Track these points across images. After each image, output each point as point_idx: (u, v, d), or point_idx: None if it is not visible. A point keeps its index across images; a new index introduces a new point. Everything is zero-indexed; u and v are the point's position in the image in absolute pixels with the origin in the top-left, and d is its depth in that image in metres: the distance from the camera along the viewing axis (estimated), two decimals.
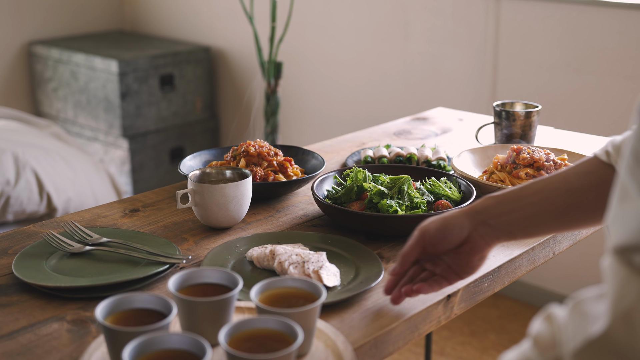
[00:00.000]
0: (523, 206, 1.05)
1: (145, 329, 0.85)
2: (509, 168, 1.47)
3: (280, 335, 0.87)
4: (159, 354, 0.83)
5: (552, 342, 0.61)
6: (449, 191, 1.36)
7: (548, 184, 1.06)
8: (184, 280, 0.97)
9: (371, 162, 1.68)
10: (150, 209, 1.43)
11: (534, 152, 1.47)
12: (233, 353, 0.81)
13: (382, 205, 1.29)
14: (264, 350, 0.84)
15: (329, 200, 1.38)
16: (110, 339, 0.87)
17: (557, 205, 1.05)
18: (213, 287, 0.97)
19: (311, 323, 0.92)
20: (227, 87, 3.81)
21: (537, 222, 1.05)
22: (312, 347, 0.95)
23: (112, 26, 4.11)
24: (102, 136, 3.54)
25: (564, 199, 1.05)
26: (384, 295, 1.09)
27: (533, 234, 1.07)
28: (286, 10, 3.23)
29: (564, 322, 0.61)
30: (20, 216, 2.59)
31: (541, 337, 0.62)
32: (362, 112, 3.32)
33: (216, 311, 0.92)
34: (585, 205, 1.05)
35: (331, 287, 1.10)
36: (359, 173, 1.37)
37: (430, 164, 1.66)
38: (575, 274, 2.87)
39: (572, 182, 1.06)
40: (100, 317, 0.88)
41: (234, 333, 0.86)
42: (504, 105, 1.76)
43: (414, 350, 2.70)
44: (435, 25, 3.01)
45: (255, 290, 0.94)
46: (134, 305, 0.92)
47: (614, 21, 2.56)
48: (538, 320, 0.64)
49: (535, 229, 1.06)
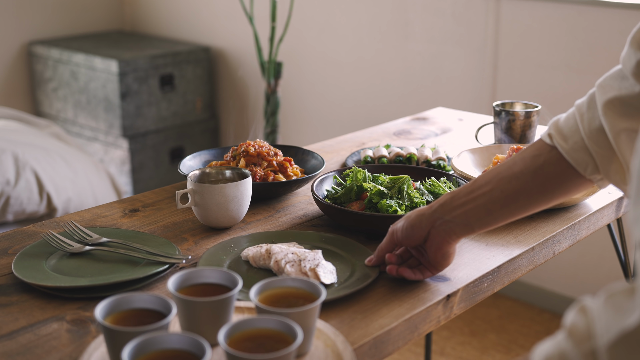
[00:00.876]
0: (475, 197, 1.08)
1: (144, 329, 0.85)
2: None
3: (279, 335, 0.87)
4: (158, 354, 0.83)
5: (587, 334, 0.61)
6: (449, 191, 1.36)
7: (498, 172, 1.09)
8: (183, 280, 0.97)
9: (371, 162, 1.68)
10: (150, 209, 1.43)
11: None
12: (232, 353, 0.81)
13: (382, 205, 1.29)
14: (263, 350, 0.84)
15: (329, 200, 1.38)
16: (109, 339, 0.87)
17: (507, 192, 1.07)
18: (213, 287, 0.97)
19: (311, 323, 0.92)
20: (227, 87, 3.81)
21: (490, 211, 1.08)
22: (311, 346, 0.95)
23: (112, 26, 4.11)
24: (102, 136, 3.54)
25: (513, 184, 1.07)
26: (383, 295, 1.09)
27: (490, 224, 1.09)
28: (286, 10, 3.23)
29: (598, 314, 0.61)
30: (20, 216, 2.59)
31: (576, 328, 0.62)
32: (362, 112, 3.32)
33: (216, 311, 0.92)
34: (533, 188, 1.08)
35: (328, 285, 1.11)
36: (359, 173, 1.37)
37: (430, 164, 1.66)
38: (575, 274, 2.87)
39: (518, 167, 1.08)
40: (99, 317, 0.88)
41: (233, 333, 0.86)
42: (503, 105, 1.76)
43: (413, 350, 2.70)
44: (435, 25, 3.01)
45: (254, 290, 0.94)
46: (134, 305, 0.92)
47: (614, 21, 2.56)
48: (572, 312, 0.64)
49: (490, 219, 1.08)
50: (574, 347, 0.62)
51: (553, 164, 1.08)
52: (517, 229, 1.33)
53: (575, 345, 0.62)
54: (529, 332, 2.82)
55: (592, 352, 0.60)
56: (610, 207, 1.48)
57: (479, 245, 1.27)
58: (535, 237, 1.30)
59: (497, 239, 1.29)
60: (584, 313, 0.63)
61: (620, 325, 0.58)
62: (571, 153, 1.07)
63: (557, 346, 0.64)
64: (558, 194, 1.09)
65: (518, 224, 1.35)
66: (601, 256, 2.76)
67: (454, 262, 1.19)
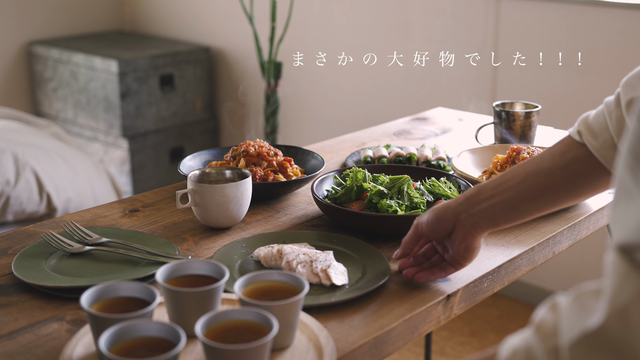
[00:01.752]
0: (502, 191, 1.07)
1: (126, 316, 0.87)
2: (508, 168, 1.47)
3: (257, 327, 0.88)
4: (136, 341, 0.85)
5: (553, 330, 0.62)
6: (449, 191, 1.37)
7: (525, 167, 1.09)
8: (172, 271, 0.98)
9: (371, 162, 1.68)
10: (150, 209, 1.43)
11: (533, 152, 1.48)
12: (208, 343, 0.82)
13: (382, 205, 1.29)
14: (240, 342, 0.85)
15: (329, 200, 1.38)
16: (94, 325, 0.89)
17: (534, 187, 1.07)
18: (201, 279, 0.98)
19: (292, 316, 0.93)
20: (227, 87, 3.81)
21: (517, 206, 1.07)
22: (294, 340, 0.95)
23: (112, 26, 4.11)
24: (102, 136, 3.54)
25: (540, 180, 1.07)
26: (383, 295, 1.09)
27: (515, 219, 1.09)
28: (286, 10, 3.23)
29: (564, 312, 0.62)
30: (20, 216, 2.59)
31: (544, 324, 0.63)
32: (362, 112, 3.32)
33: (202, 302, 0.93)
34: (561, 185, 1.08)
35: (340, 286, 1.11)
36: (359, 173, 1.37)
37: (430, 164, 1.67)
38: (574, 274, 2.87)
39: (547, 163, 1.08)
40: (85, 304, 0.89)
41: (211, 324, 0.87)
42: (503, 105, 1.76)
43: (413, 350, 2.70)
44: (435, 25, 3.01)
45: (239, 282, 0.95)
46: (120, 293, 0.94)
47: (614, 21, 2.56)
48: (543, 308, 0.65)
49: (516, 214, 1.08)
50: (540, 342, 0.62)
51: (582, 160, 1.08)
52: (517, 229, 1.33)
53: (540, 341, 0.62)
54: None
55: (555, 349, 0.61)
56: (610, 207, 1.48)
57: None
58: (535, 237, 1.30)
59: (497, 239, 1.29)
60: (554, 310, 0.64)
61: (583, 325, 0.59)
62: (601, 151, 1.07)
63: (525, 341, 0.64)
64: (586, 190, 1.10)
65: (518, 224, 1.35)
66: (601, 256, 2.76)
67: None
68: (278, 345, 0.93)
